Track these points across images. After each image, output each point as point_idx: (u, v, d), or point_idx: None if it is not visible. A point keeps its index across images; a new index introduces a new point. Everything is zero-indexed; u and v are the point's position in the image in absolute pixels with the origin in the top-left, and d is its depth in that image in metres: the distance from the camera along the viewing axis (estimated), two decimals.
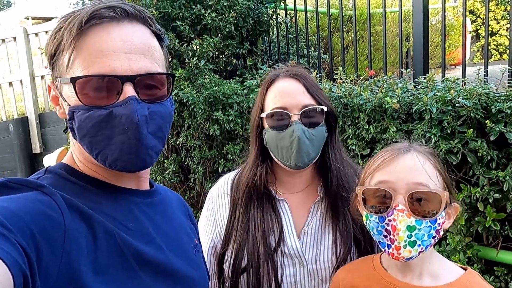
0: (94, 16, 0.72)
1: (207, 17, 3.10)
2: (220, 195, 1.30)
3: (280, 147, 1.16)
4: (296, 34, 3.62)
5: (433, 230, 0.90)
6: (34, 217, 0.60)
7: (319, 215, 1.22)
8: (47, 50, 0.77)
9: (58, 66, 0.75)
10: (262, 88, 1.23)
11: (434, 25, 6.63)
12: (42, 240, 0.59)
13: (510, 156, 1.77)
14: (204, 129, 2.95)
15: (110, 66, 0.71)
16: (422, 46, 2.65)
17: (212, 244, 1.26)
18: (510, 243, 1.90)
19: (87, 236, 0.67)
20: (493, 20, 9.26)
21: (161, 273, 0.77)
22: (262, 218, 1.20)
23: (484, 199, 1.81)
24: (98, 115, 0.71)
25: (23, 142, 5.42)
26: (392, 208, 0.90)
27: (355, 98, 2.20)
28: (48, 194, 0.66)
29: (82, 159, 0.80)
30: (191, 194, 3.31)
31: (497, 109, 1.74)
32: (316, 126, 1.15)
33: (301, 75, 1.19)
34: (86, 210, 0.69)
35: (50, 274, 0.59)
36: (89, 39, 0.72)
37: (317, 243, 1.19)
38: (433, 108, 1.82)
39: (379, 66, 5.32)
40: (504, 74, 1.95)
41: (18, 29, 5.57)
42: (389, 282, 0.98)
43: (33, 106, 5.47)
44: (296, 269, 1.16)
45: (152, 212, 0.84)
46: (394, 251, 0.90)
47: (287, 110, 1.15)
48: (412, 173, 0.91)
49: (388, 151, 0.98)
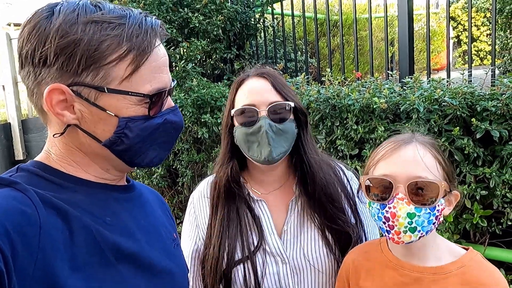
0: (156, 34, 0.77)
1: (195, 20, 3.10)
2: (201, 199, 1.31)
3: (249, 142, 1.18)
4: (283, 38, 3.65)
5: (432, 217, 0.96)
6: (7, 215, 0.59)
7: (297, 212, 1.23)
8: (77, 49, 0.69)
9: (99, 73, 0.71)
10: (233, 88, 1.26)
11: (417, 31, 6.77)
12: (17, 237, 0.58)
13: (496, 153, 1.81)
14: (192, 132, 2.94)
15: (165, 80, 0.79)
16: (407, 49, 2.70)
17: (195, 247, 1.26)
18: (497, 240, 1.93)
19: (64, 232, 0.66)
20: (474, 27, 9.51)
21: (140, 267, 0.77)
22: (239, 220, 1.21)
23: (471, 196, 1.85)
24: (156, 123, 0.79)
25: (6, 148, 5.30)
26: (392, 197, 0.96)
27: (343, 99, 2.22)
28: (21, 190, 0.65)
29: (60, 155, 0.78)
30: (179, 199, 3.28)
31: (482, 107, 1.78)
32: (284, 121, 1.18)
33: (269, 74, 1.22)
34: (62, 205, 0.68)
35: (26, 271, 0.58)
36: (152, 55, 0.76)
37: (298, 240, 1.20)
38: (420, 107, 1.85)
39: (365, 70, 5.40)
40: (487, 74, 1.99)
41: (0, 34, 5.47)
42: (396, 264, 1.03)
43: (16, 112, 5.36)
44: (279, 267, 1.17)
45: (130, 206, 0.85)
46: (395, 236, 0.96)
47: (255, 106, 1.18)
48: (411, 165, 0.97)
49: (391, 141, 1.04)
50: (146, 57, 0.74)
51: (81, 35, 0.69)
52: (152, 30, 0.76)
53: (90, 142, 0.76)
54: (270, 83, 1.20)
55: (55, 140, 0.78)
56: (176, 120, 0.83)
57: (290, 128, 1.19)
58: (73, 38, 0.68)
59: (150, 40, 0.75)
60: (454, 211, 1.90)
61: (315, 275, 1.18)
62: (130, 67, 0.73)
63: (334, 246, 1.19)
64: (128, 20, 0.73)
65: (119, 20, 0.72)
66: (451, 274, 0.97)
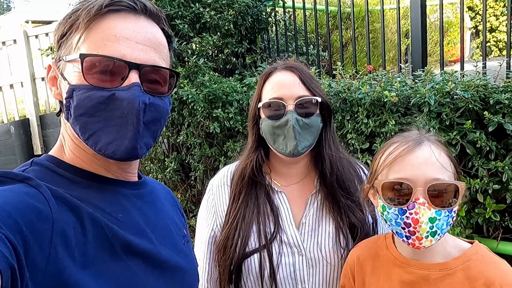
0: (114, 2, 0.74)
1: (206, 15, 3.11)
2: (220, 187, 1.32)
3: (275, 135, 1.20)
4: (295, 32, 3.63)
5: (450, 218, 0.94)
6: (20, 210, 0.59)
7: (316, 206, 1.25)
8: (58, 29, 0.77)
9: (66, 46, 0.75)
10: (260, 80, 1.28)
11: (433, 22, 6.63)
12: (30, 233, 0.58)
13: (509, 147, 1.78)
14: (204, 127, 2.96)
15: (121, 51, 0.72)
16: (420, 41, 2.66)
17: (212, 234, 1.28)
18: (510, 235, 1.90)
19: (75, 228, 0.66)
20: (493, 16, 9.26)
21: (150, 264, 0.77)
22: (258, 207, 1.23)
23: (484, 190, 1.82)
24: (100, 96, 0.71)
25: (25, 144, 5.44)
26: (412, 201, 0.92)
27: (354, 93, 2.21)
28: (34, 186, 0.65)
29: (72, 148, 0.79)
30: (192, 192, 3.32)
31: (495, 100, 1.75)
32: (311, 116, 1.19)
33: (297, 67, 1.23)
34: (74, 201, 0.68)
35: (38, 267, 0.58)
36: (104, 23, 0.73)
37: (315, 233, 1.21)
38: (431, 100, 1.83)
39: (379, 63, 5.32)
40: (502, 65, 1.95)
41: (18, 32, 5.59)
42: (402, 262, 1.02)
43: (34, 108, 5.48)
44: (295, 258, 1.19)
45: (141, 203, 0.84)
46: (416, 242, 0.93)
47: (283, 100, 1.19)
48: (429, 167, 0.94)
49: (402, 142, 1.00)
50: (93, 22, 0.72)
51: (62, 20, 0.77)
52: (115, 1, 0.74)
53: None
54: (298, 77, 1.21)
55: (64, 125, 0.80)
56: (125, 97, 0.71)
57: (315, 122, 1.21)
58: (59, 23, 0.77)
59: (102, 6, 0.72)
60: (466, 206, 1.88)
61: (329, 269, 1.19)
62: (80, 34, 0.73)
63: (348, 242, 1.20)
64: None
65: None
66: (457, 269, 0.95)
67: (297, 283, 1.18)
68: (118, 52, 0.72)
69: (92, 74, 0.72)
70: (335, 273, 1.20)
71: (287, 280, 1.18)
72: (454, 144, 1.83)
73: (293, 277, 1.18)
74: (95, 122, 0.72)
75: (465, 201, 1.85)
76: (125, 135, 0.72)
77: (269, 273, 1.16)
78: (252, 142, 1.28)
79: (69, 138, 0.79)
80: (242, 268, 1.19)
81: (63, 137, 0.81)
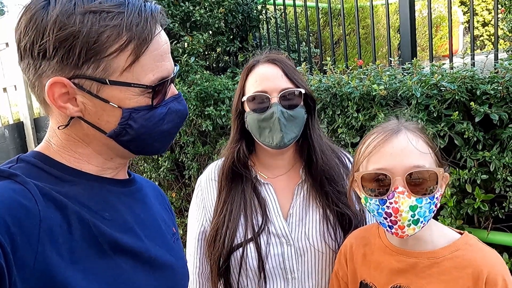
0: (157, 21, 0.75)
1: (196, 14, 3.12)
2: (208, 182, 1.33)
3: (261, 128, 1.21)
4: (286, 29, 3.64)
5: (432, 205, 0.94)
6: (7, 207, 0.59)
7: (303, 196, 1.26)
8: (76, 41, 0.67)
9: (100, 65, 0.70)
10: (243, 74, 1.28)
11: (425, 17, 6.65)
12: (17, 231, 0.58)
13: (497, 137, 1.79)
14: (197, 125, 2.97)
15: (167, 68, 0.78)
16: (409, 36, 2.67)
17: (202, 229, 1.30)
18: (500, 224, 1.92)
19: (62, 225, 0.66)
20: (485, 11, 9.30)
21: (139, 262, 0.77)
22: (245, 200, 1.24)
23: (473, 181, 1.83)
24: (160, 113, 0.78)
25: (19, 147, 5.43)
26: (392, 191, 0.93)
27: (344, 87, 2.22)
28: (20, 182, 0.64)
29: (64, 148, 0.78)
30: (187, 191, 3.33)
31: (482, 91, 1.76)
32: (295, 107, 1.21)
33: (280, 60, 1.24)
34: (60, 199, 0.68)
35: (26, 264, 0.58)
36: (153, 43, 0.74)
37: (303, 222, 1.23)
38: (417, 92, 1.84)
39: (371, 59, 5.33)
40: (488, 57, 1.97)
41: (10, 35, 5.57)
42: (392, 250, 1.03)
43: (28, 111, 5.48)
44: (283, 248, 1.20)
45: (130, 200, 0.84)
46: (398, 231, 0.94)
47: (267, 93, 1.20)
48: (407, 155, 0.94)
49: (380, 132, 1.01)
50: (147, 46, 0.72)
51: (79, 27, 0.67)
52: (152, 17, 0.73)
53: (94, 133, 0.76)
54: (281, 70, 1.22)
55: (56, 131, 0.77)
56: (180, 109, 0.83)
57: (300, 114, 1.22)
58: (71, 30, 0.66)
59: (150, 28, 0.72)
60: (455, 197, 1.89)
61: (318, 257, 1.21)
62: (131, 58, 0.71)
63: (336, 229, 1.22)
64: (126, 8, 0.70)
65: (117, 8, 0.70)
66: (445, 258, 0.97)
67: (286, 273, 1.19)
68: (166, 71, 0.78)
69: (155, 98, 0.77)
70: (323, 262, 1.21)
71: (276, 270, 1.19)
72: (443, 136, 1.84)
73: (283, 267, 1.19)
74: (155, 135, 0.80)
75: (454, 192, 1.87)
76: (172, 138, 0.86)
77: (258, 264, 1.18)
78: (233, 135, 1.30)
79: (61, 142, 0.77)
80: (231, 260, 1.21)
81: (50, 139, 0.78)
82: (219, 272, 1.23)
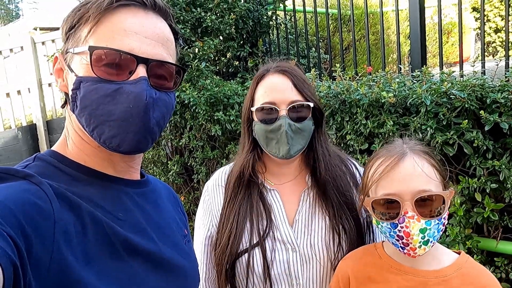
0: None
1: (207, 20, 3.15)
2: (215, 187, 1.34)
3: (268, 138, 1.21)
4: (296, 35, 3.66)
5: (441, 225, 0.99)
6: (22, 207, 0.59)
7: (309, 203, 1.27)
8: (66, 21, 0.77)
9: (74, 38, 0.76)
10: (253, 83, 1.29)
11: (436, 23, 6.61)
12: (32, 231, 0.58)
13: (507, 146, 1.78)
14: (206, 130, 2.99)
15: (130, 45, 0.73)
16: (419, 43, 2.67)
17: (208, 234, 1.30)
18: (510, 234, 1.90)
19: (76, 226, 0.66)
20: (498, 17, 9.20)
21: (151, 263, 0.77)
22: (252, 205, 1.25)
23: (482, 189, 1.82)
24: (107, 89, 0.72)
25: (32, 149, 5.52)
26: (402, 215, 0.97)
27: (353, 94, 2.22)
28: (35, 183, 0.65)
29: (75, 141, 0.79)
30: (195, 195, 3.35)
31: (492, 99, 1.75)
32: (303, 120, 1.21)
33: (290, 71, 1.23)
34: (74, 199, 0.68)
35: (41, 264, 0.58)
36: (114, 17, 0.74)
37: (309, 229, 1.23)
38: (427, 100, 1.84)
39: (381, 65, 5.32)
40: (498, 65, 1.96)
41: (25, 39, 5.69)
42: (399, 269, 1.05)
43: (41, 113, 5.58)
44: (289, 254, 1.20)
45: (143, 202, 0.84)
46: (410, 252, 0.98)
47: (275, 105, 1.20)
48: (414, 180, 0.98)
49: (387, 157, 1.03)
50: (103, 15, 0.74)
51: (70, 12, 0.77)
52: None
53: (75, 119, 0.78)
54: (291, 81, 1.21)
55: (69, 123, 0.80)
56: (132, 91, 0.72)
57: (307, 126, 1.22)
58: (67, 15, 0.78)
59: (113, 1, 0.74)
60: (465, 205, 1.88)
61: (322, 265, 1.21)
62: (89, 27, 0.74)
63: (342, 237, 1.21)
64: None
65: None
66: (452, 277, 1.00)
67: (291, 279, 1.20)
68: (127, 46, 0.73)
69: (100, 66, 0.73)
70: (327, 270, 1.21)
71: (281, 276, 1.20)
72: (452, 144, 1.84)
73: (288, 273, 1.20)
74: (100, 115, 0.72)
75: (463, 200, 1.86)
76: (130, 128, 0.73)
77: (263, 270, 1.18)
78: (248, 144, 1.30)
79: (73, 131, 0.79)
80: (237, 266, 1.21)
81: (67, 130, 0.81)
82: (225, 277, 1.24)
